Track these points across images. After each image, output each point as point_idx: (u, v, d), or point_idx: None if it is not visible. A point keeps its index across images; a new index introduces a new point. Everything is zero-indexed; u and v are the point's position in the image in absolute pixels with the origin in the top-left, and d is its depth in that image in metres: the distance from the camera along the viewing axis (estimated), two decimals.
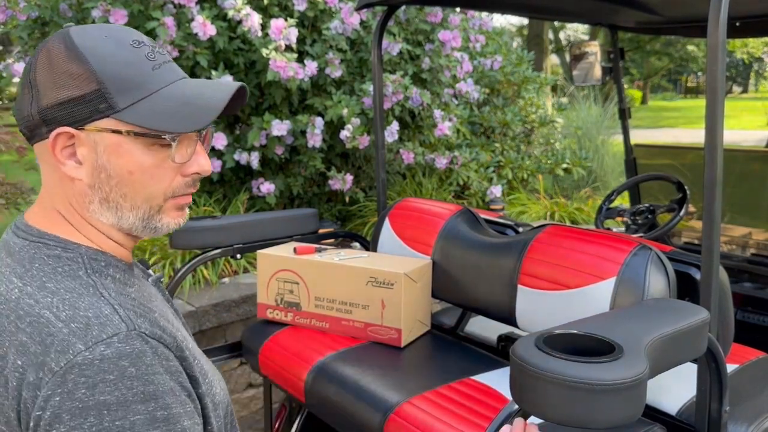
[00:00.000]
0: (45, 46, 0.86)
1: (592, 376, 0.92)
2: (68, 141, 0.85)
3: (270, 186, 3.45)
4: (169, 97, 0.86)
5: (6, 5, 3.46)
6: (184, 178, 0.91)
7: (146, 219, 0.90)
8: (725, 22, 1.35)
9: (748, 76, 38.38)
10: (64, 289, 0.82)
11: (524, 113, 5.18)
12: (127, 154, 0.86)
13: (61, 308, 0.79)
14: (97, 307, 0.80)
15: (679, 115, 22.42)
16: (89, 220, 0.89)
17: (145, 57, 0.87)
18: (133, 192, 0.88)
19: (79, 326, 0.77)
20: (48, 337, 0.77)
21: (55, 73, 0.84)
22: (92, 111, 0.84)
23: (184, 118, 0.85)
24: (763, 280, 2.52)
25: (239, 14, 3.07)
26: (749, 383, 1.82)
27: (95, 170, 0.86)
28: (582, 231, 1.81)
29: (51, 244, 0.87)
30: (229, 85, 0.90)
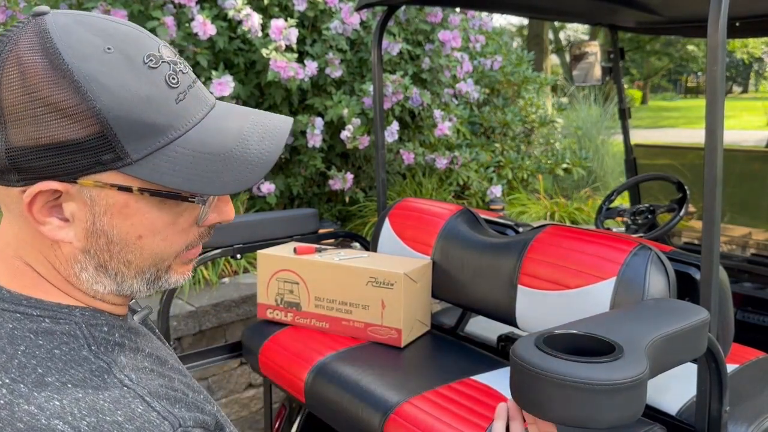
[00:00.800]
0: (12, 54, 0.58)
1: (593, 376, 0.92)
2: (51, 196, 0.61)
3: (270, 186, 3.45)
4: (199, 145, 0.63)
5: (6, 5, 3.46)
6: (199, 229, 0.70)
7: (151, 282, 0.69)
8: (725, 22, 1.35)
9: (748, 76, 38.38)
10: (72, 384, 0.59)
11: (524, 113, 5.18)
12: (137, 214, 0.64)
13: (77, 415, 0.56)
14: (126, 405, 0.58)
15: (679, 115, 22.42)
16: (79, 286, 0.67)
17: (166, 83, 0.62)
18: (140, 258, 0.67)
19: None
20: None
21: (34, 100, 0.57)
22: (91, 162, 0.60)
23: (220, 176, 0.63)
24: (763, 280, 2.52)
25: (239, 14, 3.07)
26: (749, 383, 1.82)
27: (91, 234, 0.64)
28: (582, 231, 1.81)
29: (34, 315, 0.63)
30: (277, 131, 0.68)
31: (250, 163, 0.64)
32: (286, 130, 0.68)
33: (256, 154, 0.65)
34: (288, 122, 0.69)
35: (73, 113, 0.58)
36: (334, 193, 4.00)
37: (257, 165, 0.64)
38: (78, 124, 0.58)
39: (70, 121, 0.58)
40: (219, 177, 0.63)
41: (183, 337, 2.68)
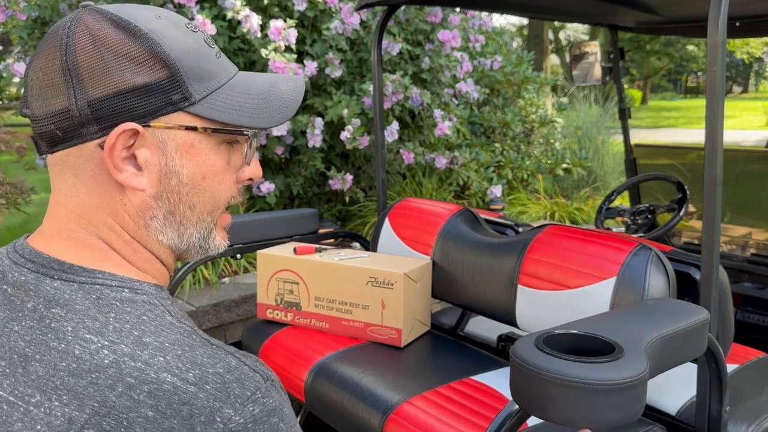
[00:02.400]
0: (79, 24, 0.67)
1: (593, 376, 0.92)
2: (129, 141, 0.68)
3: (270, 186, 3.45)
4: (242, 88, 0.74)
5: (6, 5, 3.46)
6: (237, 186, 0.78)
7: (205, 236, 0.76)
8: (725, 22, 1.35)
9: (748, 76, 38.39)
10: (170, 343, 0.64)
11: (524, 113, 5.18)
12: (201, 154, 0.71)
13: (183, 368, 0.62)
14: (221, 359, 0.65)
15: (679, 115, 22.42)
16: (143, 241, 0.72)
17: (205, 43, 0.73)
18: (202, 202, 0.74)
19: (215, 387, 0.62)
20: (183, 406, 0.60)
21: (108, 56, 0.66)
22: (163, 102, 0.68)
23: (263, 112, 0.74)
24: (763, 280, 2.52)
25: (239, 15, 3.07)
26: (749, 383, 1.82)
27: (164, 176, 0.70)
28: (582, 231, 1.81)
29: (114, 286, 0.68)
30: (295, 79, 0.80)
31: (283, 100, 0.76)
32: (302, 80, 0.81)
33: (287, 93, 0.77)
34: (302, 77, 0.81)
35: (144, 60, 0.67)
36: (334, 193, 4.00)
37: (289, 101, 0.77)
38: (150, 69, 0.67)
39: (143, 67, 0.67)
40: (263, 112, 0.74)
41: None
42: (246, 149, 0.77)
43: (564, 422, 0.95)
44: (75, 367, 0.62)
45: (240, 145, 0.76)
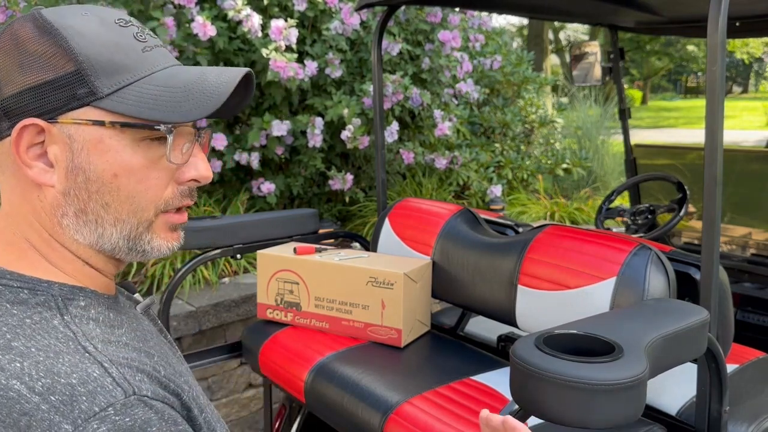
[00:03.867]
0: (8, 29, 0.70)
1: (592, 376, 0.92)
2: (36, 137, 0.68)
3: (270, 186, 3.45)
4: (161, 82, 0.70)
5: (6, 5, 3.46)
6: (179, 187, 0.74)
7: (133, 238, 0.72)
8: (725, 22, 1.35)
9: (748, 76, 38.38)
10: (36, 348, 0.62)
11: (524, 113, 5.18)
12: (111, 151, 0.69)
13: (35, 376, 0.59)
14: (82, 369, 0.61)
15: (679, 115, 22.42)
16: (62, 241, 0.71)
17: (134, 37, 0.71)
18: (118, 201, 0.70)
19: (61, 399, 0.58)
20: (23, 416, 0.57)
21: (21, 55, 0.67)
22: (68, 97, 0.67)
23: (182, 105, 0.69)
24: (763, 280, 2.52)
25: (239, 15, 3.07)
26: (749, 383, 1.82)
27: (71, 173, 0.69)
28: (582, 231, 1.81)
29: (14, 287, 0.67)
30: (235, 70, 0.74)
31: (206, 93, 0.70)
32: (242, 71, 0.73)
33: (215, 85, 0.70)
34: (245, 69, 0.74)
35: (50, 56, 0.67)
36: (334, 193, 4.00)
37: (213, 94, 0.70)
38: (56, 64, 0.67)
39: (49, 63, 0.67)
40: (180, 106, 0.69)
41: (183, 337, 2.68)
42: (185, 146, 0.73)
43: (564, 422, 0.95)
44: None
45: (176, 143, 0.72)
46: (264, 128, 3.35)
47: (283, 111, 3.55)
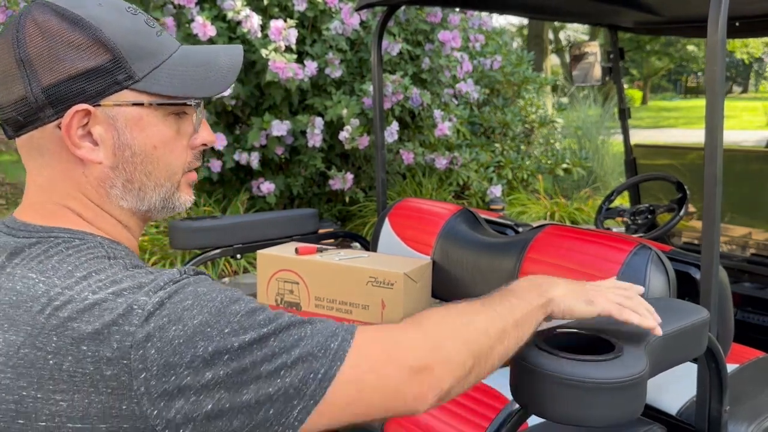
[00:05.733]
0: (27, 18, 0.75)
1: (592, 375, 0.92)
2: (83, 120, 0.76)
3: (270, 186, 3.45)
4: (182, 62, 0.81)
5: (6, 5, 3.46)
6: (192, 151, 0.87)
7: (167, 198, 0.84)
8: (725, 22, 1.35)
9: (748, 76, 38.39)
10: (96, 272, 0.72)
11: (524, 113, 5.18)
12: (150, 126, 0.80)
13: (101, 287, 0.70)
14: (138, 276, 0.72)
15: (679, 115, 22.42)
16: (106, 208, 0.81)
17: (146, 23, 0.81)
18: (157, 169, 0.82)
19: (131, 289, 0.70)
20: (103, 312, 0.68)
21: (56, 45, 0.74)
22: (110, 83, 0.76)
23: (206, 82, 0.81)
24: (763, 280, 2.52)
25: (239, 15, 3.07)
26: (749, 383, 1.82)
27: (117, 149, 0.79)
28: (582, 231, 1.81)
29: (66, 237, 0.77)
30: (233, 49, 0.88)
31: (223, 69, 0.84)
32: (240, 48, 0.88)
33: (227, 63, 0.85)
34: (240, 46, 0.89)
35: (87, 46, 0.75)
36: (334, 193, 4.00)
37: (229, 70, 0.84)
38: (93, 54, 0.75)
39: (87, 52, 0.75)
40: (205, 83, 0.82)
41: None
42: (194, 118, 0.85)
43: (564, 420, 0.95)
44: (14, 300, 0.71)
45: (188, 115, 0.84)
46: (264, 128, 3.35)
47: (283, 111, 3.55)
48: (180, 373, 0.67)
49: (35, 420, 0.66)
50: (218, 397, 0.68)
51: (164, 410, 0.66)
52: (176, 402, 0.67)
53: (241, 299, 0.74)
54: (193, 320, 0.69)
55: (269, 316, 0.74)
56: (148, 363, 0.66)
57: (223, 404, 0.68)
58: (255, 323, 0.72)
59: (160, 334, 0.67)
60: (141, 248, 3.06)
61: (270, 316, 0.74)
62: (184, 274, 0.74)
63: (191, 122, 0.85)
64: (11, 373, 0.67)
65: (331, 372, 0.73)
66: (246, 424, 0.69)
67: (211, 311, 0.70)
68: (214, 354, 0.68)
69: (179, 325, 0.68)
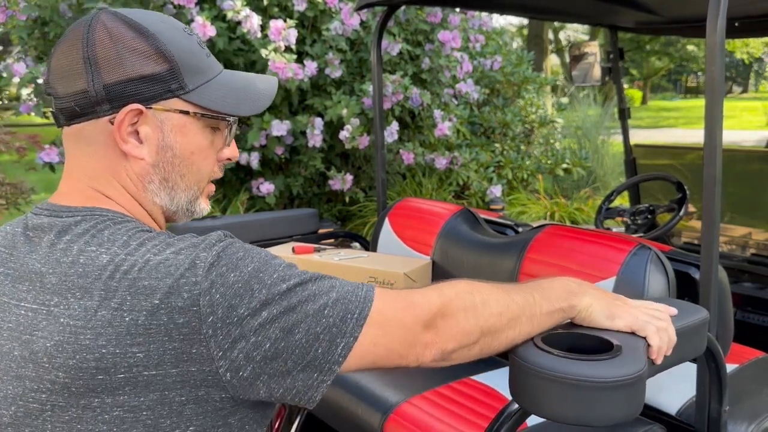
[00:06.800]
0: (98, 23, 0.84)
1: (592, 374, 0.93)
2: (134, 118, 0.84)
3: (270, 186, 3.45)
4: (226, 83, 0.91)
5: (6, 5, 3.46)
6: (218, 163, 0.96)
7: (192, 201, 0.93)
8: (724, 22, 1.35)
9: (748, 76, 38.38)
10: (148, 239, 0.81)
11: (524, 113, 5.18)
12: (191, 133, 0.89)
13: (160, 250, 0.79)
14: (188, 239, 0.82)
15: (679, 115, 22.42)
16: (141, 200, 0.89)
17: (198, 45, 0.90)
18: (190, 172, 0.91)
19: (187, 248, 0.79)
20: (168, 268, 0.77)
21: (122, 50, 0.83)
22: (163, 90, 0.85)
23: (244, 103, 0.91)
24: (763, 280, 2.52)
25: (238, 15, 3.07)
26: (749, 383, 1.82)
27: (161, 149, 0.87)
28: (582, 231, 1.81)
29: (110, 215, 0.85)
30: (271, 78, 0.98)
31: (260, 94, 0.94)
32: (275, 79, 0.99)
33: (263, 89, 0.95)
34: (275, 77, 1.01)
35: (150, 54, 0.84)
36: (334, 193, 4.00)
37: (264, 96, 0.95)
38: (154, 62, 0.84)
39: (149, 60, 0.84)
40: (242, 104, 0.92)
41: None
42: (226, 134, 0.94)
43: (563, 420, 0.95)
44: (81, 271, 0.78)
45: (221, 130, 0.93)
46: (264, 128, 3.35)
47: (282, 111, 3.55)
48: (241, 314, 0.76)
49: (114, 373, 0.74)
50: (274, 337, 0.77)
51: (228, 351, 0.75)
52: (238, 343, 0.76)
53: (276, 257, 0.84)
54: (247, 267, 0.78)
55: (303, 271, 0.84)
56: (214, 307, 0.75)
57: (278, 344, 0.77)
58: (294, 273, 0.82)
59: (222, 281, 0.76)
60: None
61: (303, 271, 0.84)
62: (226, 235, 0.84)
63: (222, 137, 0.94)
64: (90, 334, 0.75)
65: (364, 312, 0.82)
66: (298, 364, 0.78)
67: (261, 260, 0.80)
68: (268, 295, 0.78)
69: (237, 272, 0.78)
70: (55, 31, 3.37)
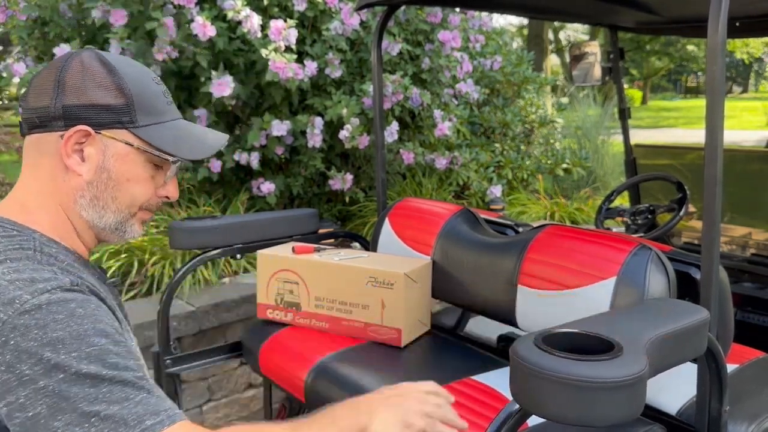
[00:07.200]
0: (77, 57, 0.97)
1: (592, 374, 0.93)
2: (81, 138, 0.96)
3: (270, 186, 3.45)
4: (178, 128, 1.03)
5: (6, 5, 3.46)
6: (156, 198, 1.06)
7: (122, 222, 1.02)
8: (725, 22, 1.35)
9: (748, 76, 38.36)
10: (11, 260, 0.88)
11: (524, 113, 5.18)
12: (131, 163, 0.99)
13: (6, 273, 0.86)
14: (40, 271, 0.87)
15: (679, 115, 22.40)
16: (70, 213, 0.99)
17: (162, 93, 1.03)
18: (123, 196, 1.01)
19: (23, 283, 0.84)
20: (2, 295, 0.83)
21: (89, 80, 0.95)
22: (114, 120, 0.97)
23: (189, 148, 1.02)
24: (763, 280, 2.52)
25: (239, 15, 3.07)
26: (749, 383, 1.82)
27: (99, 170, 0.97)
28: (582, 231, 1.81)
29: (8, 227, 0.94)
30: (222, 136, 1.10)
31: (206, 144, 1.06)
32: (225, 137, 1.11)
33: (210, 141, 1.08)
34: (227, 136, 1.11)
35: (110, 88, 0.97)
36: (334, 193, 4.00)
37: (209, 146, 1.06)
38: (113, 95, 0.97)
39: (108, 93, 0.96)
40: (187, 148, 1.02)
41: (183, 337, 2.68)
42: (169, 173, 1.05)
43: (564, 420, 0.95)
44: None
45: (163, 169, 1.04)
46: (264, 128, 3.35)
47: (282, 111, 3.55)
48: (23, 371, 0.79)
49: None
50: (39, 409, 0.78)
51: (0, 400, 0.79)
52: (7, 396, 0.79)
53: (109, 336, 0.85)
54: (54, 333, 0.81)
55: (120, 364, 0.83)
56: (4, 349, 0.79)
57: (39, 419, 0.78)
58: (102, 361, 0.81)
59: (22, 332, 0.80)
60: (141, 248, 3.05)
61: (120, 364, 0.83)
62: (77, 287, 0.88)
63: (164, 175, 1.05)
64: None
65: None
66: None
67: (73, 333, 0.82)
68: (52, 367, 0.78)
69: (41, 332, 0.80)
70: (55, 31, 3.37)
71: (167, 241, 3.00)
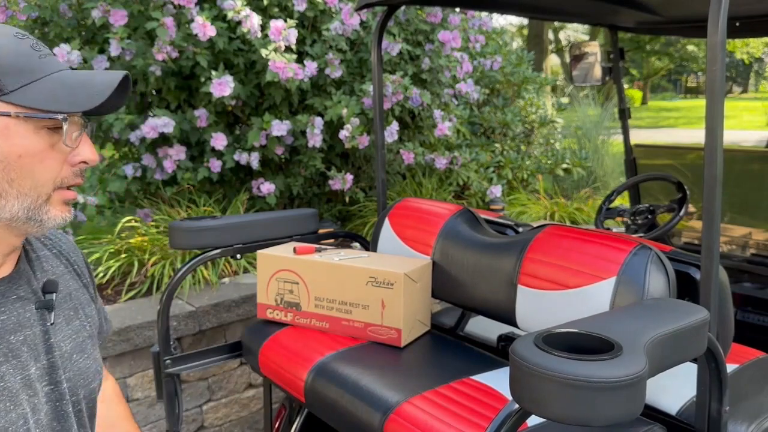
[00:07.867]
0: None
1: (592, 374, 0.93)
2: None
3: (270, 186, 3.45)
4: (58, 81, 0.86)
5: (6, 5, 3.46)
6: (71, 168, 0.89)
7: (32, 209, 0.86)
8: (725, 22, 1.35)
9: (748, 76, 38.35)
10: None
11: (524, 113, 5.18)
12: (16, 136, 0.83)
13: None
14: None
15: (679, 115, 22.40)
16: None
17: (30, 47, 0.87)
18: (21, 177, 0.84)
19: None
20: None
21: None
22: None
23: (75, 99, 0.85)
24: (763, 280, 2.52)
25: (239, 15, 3.07)
26: (749, 383, 1.82)
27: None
28: (582, 231, 1.81)
29: None
30: (115, 73, 0.91)
31: (96, 90, 0.86)
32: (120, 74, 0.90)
33: (100, 83, 0.87)
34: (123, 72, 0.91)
35: None
36: (334, 193, 4.00)
37: (100, 92, 0.86)
38: None
39: None
40: (74, 99, 0.85)
41: (183, 337, 2.68)
42: (74, 134, 0.88)
43: (563, 420, 0.95)
44: None
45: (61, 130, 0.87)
46: (264, 128, 3.35)
47: (282, 111, 3.55)
48: None
49: None
50: None
51: None
52: None
53: None
54: None
55: None
56: None
57: None
58: None
59: None
60: (141, 248, 3.06)
61: None
62: None
63: (68, 138, 0.87)
64: None
65: None
66: None
67: None
68: None
69: None
70: (55, 31, 3.37)
71: (167, 241, 3.00)
